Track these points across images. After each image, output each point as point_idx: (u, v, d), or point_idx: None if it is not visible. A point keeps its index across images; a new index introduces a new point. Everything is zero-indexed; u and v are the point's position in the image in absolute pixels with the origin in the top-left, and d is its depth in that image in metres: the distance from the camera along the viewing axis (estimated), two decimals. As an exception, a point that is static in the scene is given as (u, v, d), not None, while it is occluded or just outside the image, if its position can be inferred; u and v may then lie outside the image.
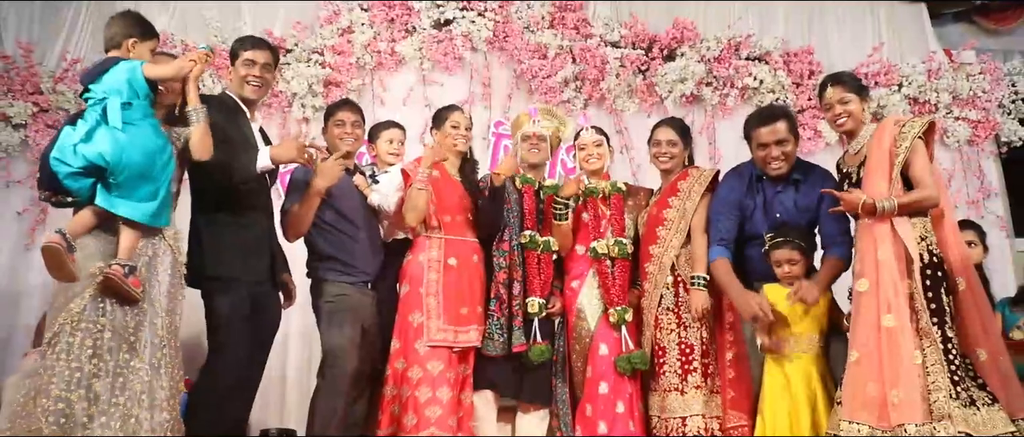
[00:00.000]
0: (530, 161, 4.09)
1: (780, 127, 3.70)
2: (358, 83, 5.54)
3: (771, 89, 5.84)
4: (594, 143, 4.04)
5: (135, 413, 2.84)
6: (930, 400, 3.06)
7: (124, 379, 2.87)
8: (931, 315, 3.17)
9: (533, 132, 4.09)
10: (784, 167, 3.70)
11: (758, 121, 3.75)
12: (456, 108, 4.10)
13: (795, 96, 5.87)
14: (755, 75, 5.81)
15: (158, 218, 3.02)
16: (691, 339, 3.79)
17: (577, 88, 5.72)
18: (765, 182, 3.80)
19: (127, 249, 2.95)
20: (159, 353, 2.96)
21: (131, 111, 2.95)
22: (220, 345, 3.31)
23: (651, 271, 3.92)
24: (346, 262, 3.72)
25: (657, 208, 3.99)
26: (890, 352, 3.10)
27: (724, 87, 5.83)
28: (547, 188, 4.05)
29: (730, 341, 3.77)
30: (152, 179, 2.98)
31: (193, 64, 3.10)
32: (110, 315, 2.88)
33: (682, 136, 4.05)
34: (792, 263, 3.64)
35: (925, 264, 3.23)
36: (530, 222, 3.97)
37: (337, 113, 3.89)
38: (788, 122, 3.73)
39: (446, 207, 3.86)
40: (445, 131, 3.96)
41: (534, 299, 3.87)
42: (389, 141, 4.06)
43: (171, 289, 3.08)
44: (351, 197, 3.82)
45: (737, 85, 5.81)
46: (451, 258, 3.82)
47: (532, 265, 3.92)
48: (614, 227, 3.97)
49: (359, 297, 3.74)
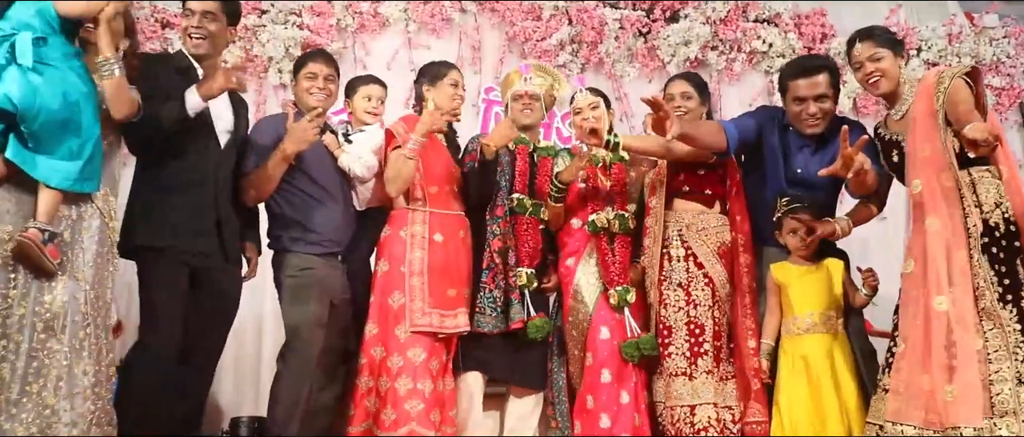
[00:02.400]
0: (523, 122, 3.63)
1: (821, 80, 3.23)
2: (338, 46, 5.11)
3: (781, 53, 5.43)
4: (590, 105, 3.57)
5: (51, 403, 2.37)
6: (992, 393, 2.57)
7: (39, 363, 2.39)
8: (1004, 292, 2.66)
9: (525, 91, 3.63)
10: (821, 126, 3.25)
11: (796, 71, 3.28)
12: (452, 65, 3.61)
13: None
14: (764, 38, 5.42)
15: (84, 181, 2.54)
16: (702, 318, 3.34)
17: (573, 52, 5.33)
18: (792, 134, 3.34)
19: (47, 211, 2.47)
20: (81, 333, 2.49)
21: (47, 49, 2.46)
22: (150, 324, 2.85)
23: (650, 224, 3.49)
24: (312, 230, 3.25)
25: (658, 173, 3.53)
26: (943, 340, 2.62)
27: (731, 51, 5.44)
28: (541, 150, 3.58)
29: (751, 329, 3.30)
30: (75, 132, 2.50)
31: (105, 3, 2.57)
32: (21, 287, 2.40)
33: (699, 90, 3.58)
34: (806, 232, 3.17)
35: (1001, 233, 2.72)
36: (520, 185, 3.51)
37: (308, 65, 3.40)
38: (830, 75, 3.28)
39: (433, 177, 3.40)
40: (444, 91, 3.46)
41: (522, 270, 3.40)
42: (367, 97, 3.55)
43: (98, 259, 2.61)
44: (321, 158, 3.35)
45: (744, 49, 5.42)
46: (437, 234, 3.36)
47: (521, 231, 3.48)
48: (615, 199, 3.49)
49: (327, 270, 3.27)
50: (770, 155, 3.34)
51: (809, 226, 3.17)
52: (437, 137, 3.49)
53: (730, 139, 3.20)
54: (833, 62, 3.33)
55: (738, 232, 3.41)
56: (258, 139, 3.25)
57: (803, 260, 3.25)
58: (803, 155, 3.31)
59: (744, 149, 3.35)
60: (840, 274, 3.23)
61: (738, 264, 3.37)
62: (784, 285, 3.22)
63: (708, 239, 3.42)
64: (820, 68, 3.25)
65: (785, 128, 3.35)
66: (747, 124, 3.33)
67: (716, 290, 3.38)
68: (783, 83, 3.33)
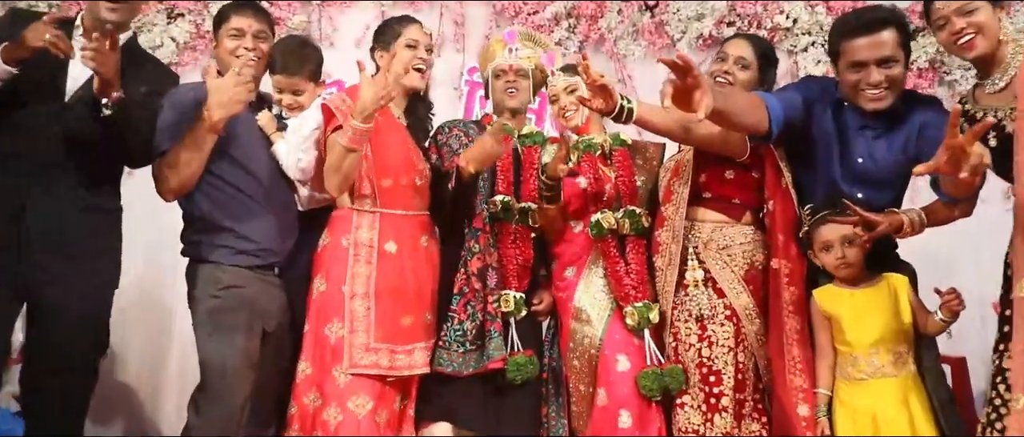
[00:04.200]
0: (507, 105, 2.91)
1: (886, 39, 2.44)
2: (301, 20, 4.64)
3: (807, 30, 4.79)
4: (567, 89, 2.83)
5: None
6: None
7: None
8: None
9: (510, 64, 2.91)
10: (887, 100, 2.47)
11: (853, 28, 2.48)
12: (413, 19, 2.85)
13: None
14: (788, 13, 4.78)
15: None
16: (719, 363, 2.61)
17: (570, 27, 4.74)
18: (849, 111, 2.58)
19: None
20: None
21: None
22: None
23: (664, 240, 2.73)
24: (242, 235, 2.55)
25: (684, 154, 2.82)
26: None
27: (750, 27, 4.77)
28: (525, 138, 2.85)
29: (799, 364, 2.53)
30: None
31: None
32: None
33: (762, 61, 2.81)
34: (849, 244, 2.42)
35: None
36: (504, 184, 2.78)
37: (231, 19, 2.65)
38: (898, 31, 2.48)
39: (385, 167, 2.66)
40: (397, 53, 2.71)
41: (509, 294, 2.67)
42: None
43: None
44: (256, 143, 2.64)
45: (765, 25, 4.77)
46: (389, 242, 2.63)
47: (506, 244, 2.74)
48: (623, 192, 2.75)
49: (261, 288, 2.57)
50: (821, 140, 2.59)
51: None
52: (395, 115, 2.74)
53: (773, 117, 2.44)
54: (901, 15, 2.55)
55: (782, 258, 2.61)
56: (172, 112, 2.53)
57: (852, 282, 2.50)
58: (864, 140, 2.55)
59: (789, 133, 2.56)
60: (907, 293, 2.49)
61: (779, 300, 2.60)
62: (834, 317, 2.49)
63: (733, 260, 2.68)
64: (884, 22, 2.45)
65: (840, 104, 2.60)
66: (792, 98, 2.56)
67: (740, 326, 2.64)
68: (835, 44, 2.54)
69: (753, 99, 2.47)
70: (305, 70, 2.71)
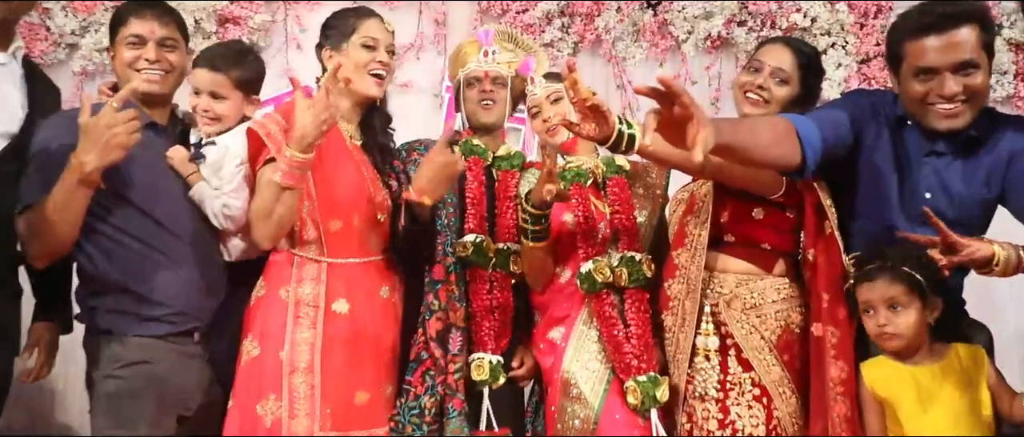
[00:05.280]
0: (482, 121, 2.40)
1: (964, 38, 1.91)
2: (264, 19, 4.25)
3: (826, 30, 4.46)
4: (550, 98, 2.32)
5: None
6: None
7: None
8: None
9: (485, 71, 2.39)
10: (964, 117, 1.95)
11: (920, 24, 1.94)
12: (371, 12, 2.31)
13: (858, 40, 4.49)
14: (805, 11, 4.44)
15: None
16: None
17: (564, 27, 4.40)
18: (913, 132, 2.06)
19: None
20: None
21: None
22: None
23: (675, 294, 2.22)
24: (150, 298, 2.03)
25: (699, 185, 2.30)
26: None
27: (763, 27, 4.43)
28: (500, 161, 2.35)
29: None
30: None
31: None
32: None
33: (804, 73, 2.26)
34: (892, 306, 1.92)
35: None
36: (475, 220, 2.27)
37: (129, 22, 2.11)
38: (980, 29, 1.94)
39: (334, 204, 2.15)
40: (353, 55, 2.20)
41: (483, 357, 2.16)
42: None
43: None
44: (163, 182, 2.12)
45: (780, 25, 4.42)
46: (339, 300, 2.13)
47: (480, 295, 2.23)
48: (620, 234, 2.24)
49: (175, 361, 2.05)
50: (874, 172, 2.06)
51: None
52: (345, 134, 2.23)
53: (807, 147, 1.90)
54: (983, 7, 2.00)
55: (826, 323, 2.07)
56: (43, 152, 2.00)
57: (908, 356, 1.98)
58: (933, 169, 2.03)
59: (831, 164, 2.03)
60: (984, 369, 1.96)
61: (823, 376, 2.05)
62: (889, 400, 1.97)
63: (763, 323, 2.15)
64: (962, 17, 1.92)
65: (900, 123, 2.08)
66: (834, 120, 2.02)
67: (772, 408, 2.11)
68: (897, 45, 2.02)
69: (778, 125, 1.92)
70: (233, 71, 2.19)
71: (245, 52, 2.37)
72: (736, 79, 2.34)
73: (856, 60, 4.41)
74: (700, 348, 2.16)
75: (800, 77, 2.24)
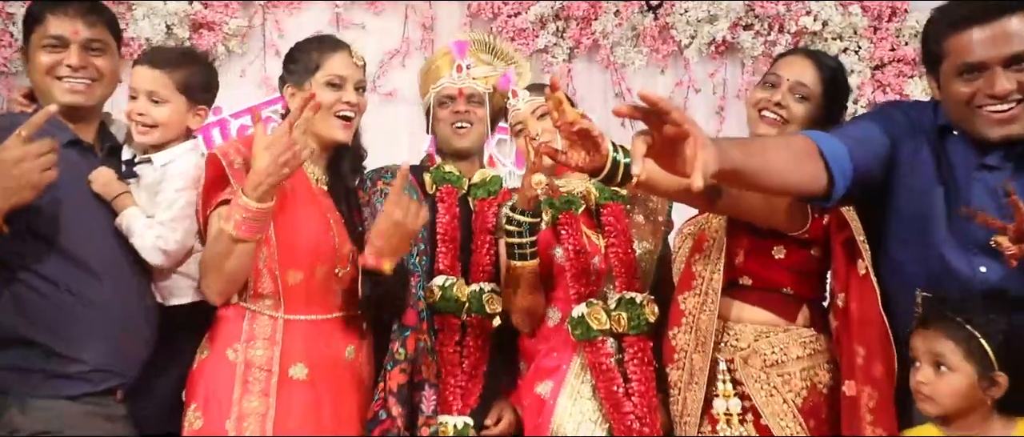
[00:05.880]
0: (456, 145, 2.13)
1: (1016, 28, 1.62)
2: (241, 24, 4.08)
3: (838, 34, 4.29)
4: (536, 114, 2.04)
5: None
6: None
7: None
8: None
9: (459, 88, 2.12)
10: (1022, 121, 1.65)
11: (964, 15, 1.67)
12: (339, 45, 2.03)
13: (872, 45, 4.32)
14: (816, 14, 4.27)
15: None
16: None
17: (559, 31, 4.22)
18: (959, 143, 1.76)
19: None
20: None
21: None
22: None
23: (682, 345, 1.94)
24: (62, 353, 1.74)
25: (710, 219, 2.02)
26: None
27: (771, 31, 4.27)
28: (476, 188, 2.10)
29: None
30: None
31: None
32: None
33: (828, 85, 2.00)
34: (938, 364, 1.63)
35: None
36: (447, 259, 2.01)
37: (46, 20, 1.83)
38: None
39: (294, 254, 1.88)
40: (316, 90, 1.92)
41: (448, 421, 1.92)
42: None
43: None
44: (84, 212, 1.83)
45: (789, 28, 4.28)
46: (297, 365, 1.86)
47: (448, 346, 1.97)
48: (617, 270, 1.98)
49: (90, 427, 1.76)
50: (916, 193, 1.76)
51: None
52: (310, 177, 1.97)
53: (835, 170, 1.61)
54: None
55: (861, 382, 1.76)
56: None
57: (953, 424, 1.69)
58: (986, 186, 1.72)
59: (864, 190, 1.73)
60: None
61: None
62: None
63: (786, 383, 1.87)
64: (1012, 5, 1.65)
65: (944, 134, 1.79)
66: (866, 136, 1.74)
67: None
68: (936, 42, 1.74)
69: (797, 144, 1.64)
70: (178, 72, 1.91)
71: (196, 55, 2.11)
72: (750, 96, 2.07)
73: (870, 66, 4.25)
74: (718, 412, 1.89)
75: (823, 93, 1.97)
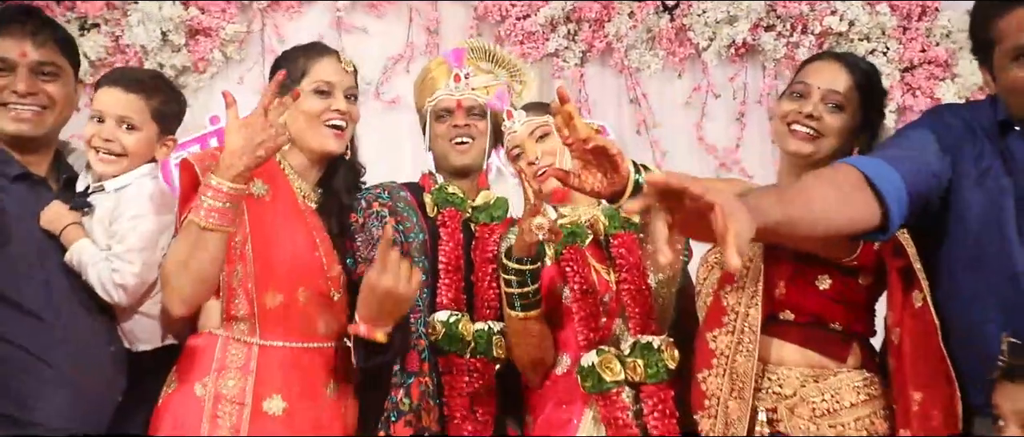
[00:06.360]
0: (455, 163, 1.94)
1: None
2: (238, 29, 4.01)
3: (865, 35, 4.18)
4: (534, 134, 1.85)
5: None
6: None
7: None
8: None
9: (457, 100, 1.93)
10: None
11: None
12: (326, 50, 1.89)
13: (901, 46, 4.22)
14: (841, 14, 4.17)
15: None
16: None
17: (570, 34, 4.13)
18: (1021, 140, 1.57)
19: None
20: None
21: None
22: None
23: (714, 390, 1.72)
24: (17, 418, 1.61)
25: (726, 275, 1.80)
26: None
27: (793, 32, 4.17)
28: (479, 212, 1.91)
29: None
30: None
31: None
32: None
33: (863, 91, 1.79)
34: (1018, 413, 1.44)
35: None
36: (450, 292, 1.82)
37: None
38: None
39: (273, 272, 1.72)
40: (301, 102, 1.75)
41: None
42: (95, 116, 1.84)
43: None
44: (31, 252, 1.68)
45: (813, 29, 4.17)
46: (273, 397, 1.68)
47: (456, 387, 1.78)
48: (630, 309, 1.78)
49: None
50: (979, 206, 1.56)
51: None
52: (297, 194, 1.80)
53: (890, 201, 1.41)
54: None
55: (920, 430, 1.56)
56: None
57: None
58: None
59: (922, 215, 1.55)
60: None
61: None
62: None
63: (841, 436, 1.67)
64: None
65: (1005, 130, 1.59)
66: (918, 152, 1.54)
67: None
68: (986, 28, 1.57)
69: (842, 178, 1.41)
70: (155, 98, 1.77)
71: (168, 81, 1.99)
72: (776, 108, 1.86)
73: (899, 68, 4.13)
74: None
75: (858, 100, 1.76)
